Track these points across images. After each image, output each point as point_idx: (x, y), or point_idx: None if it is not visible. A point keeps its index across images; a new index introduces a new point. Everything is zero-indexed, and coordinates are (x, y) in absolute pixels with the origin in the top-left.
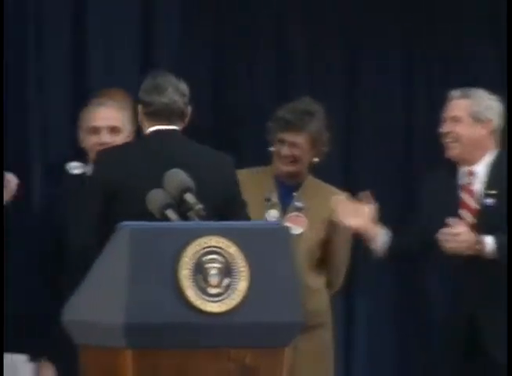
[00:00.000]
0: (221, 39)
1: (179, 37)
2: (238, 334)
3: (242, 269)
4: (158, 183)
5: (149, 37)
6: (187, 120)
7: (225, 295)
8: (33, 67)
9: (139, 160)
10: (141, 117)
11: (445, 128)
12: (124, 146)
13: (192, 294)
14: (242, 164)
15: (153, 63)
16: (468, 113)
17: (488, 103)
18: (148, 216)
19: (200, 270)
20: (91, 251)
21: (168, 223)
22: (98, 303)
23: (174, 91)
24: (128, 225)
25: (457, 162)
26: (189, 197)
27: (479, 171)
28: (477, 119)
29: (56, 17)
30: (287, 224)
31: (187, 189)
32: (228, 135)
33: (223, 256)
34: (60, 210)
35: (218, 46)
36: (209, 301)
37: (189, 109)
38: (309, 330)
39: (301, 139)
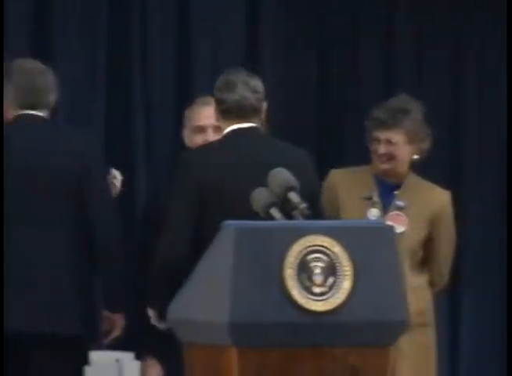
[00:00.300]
0: (326, 39)
1: (284, 36)
2: (342, 333)
3: (346, 267)
4: (244, 182)
5: (254, 37)
6: (263, 116)
7: (329, 294)
8: (138, 68)
9: (223, 160)
10: (217, 115)
11: None
12: (208, 147)
13: (296, 293)
14: (345, 163)
15: (257, 62)
16: None
17: None
18: (239, 217)
19: (304, 269)
20: (182, 263)
21: (273, 222)
22: (203, 302)
23: (245, 87)
24: (232, 225)
25: None
26: (293, 196)
27: None
28: None
29: (161, 18)
30: (389, 223)
31: (291, 188)
32: (332, 133)
33: (327, 255)
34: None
35: (323, 46)
36: (313, 300)
37: (264, 105)
38: (411, 330)
39: (395, 136)
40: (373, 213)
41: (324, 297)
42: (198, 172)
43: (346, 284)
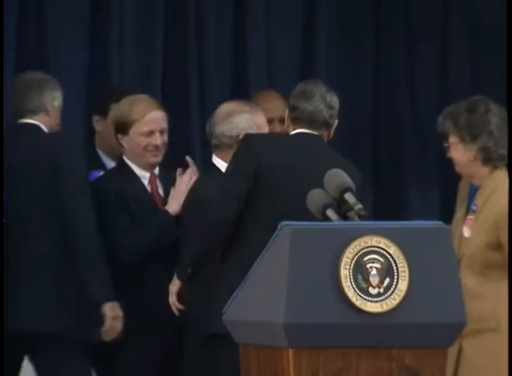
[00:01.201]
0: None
1: (338, 49)
2: (398, 334)
3: (402, 268)
4: (287, 175)
5: (309, 50)
6: (332, 131)
7: (385, 295)
8: (195, 68)
9: (277, 149)
10: (288, 120)
11: None
12: (273, 136)
13: (352, 294)
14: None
15: (312, 74)
16: None
17: None
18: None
19: (360, 270)
20: (227, 226)
21: (329, 223)
22: (259, 302)
23: (321, 100)
24: (289, 225)
25: None
26: (349, 197)
27: None
28: None
29: (217, 26)
30: (464, 226)
31: (347, 189)
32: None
33: (383, 256)
34: None
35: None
36: (369, 301)
37: (336, 122)
38: (477, 334)
39: (452, 140)
40: (458, 216)
41: (380, 298)
42: (259, 152)
43: (402, 285)
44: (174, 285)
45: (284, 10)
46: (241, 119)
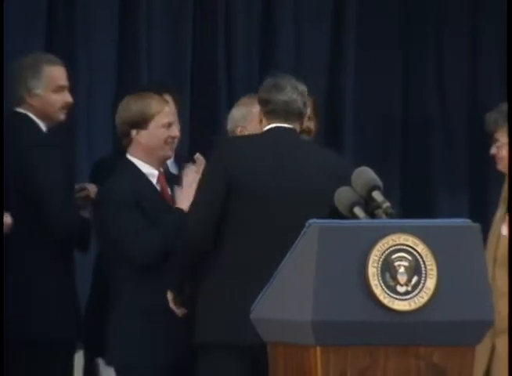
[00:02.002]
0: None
1: (366, 47)
2: (426, 332)
3: (430, 266)
4: (265, 177)
5: (338, 48)
6: (304, 121)
7: (413, 293)
8: (223, 67)
9: (252, 154)
10: (260, 115)
11: None
12: (244, 139)
13: (380, 292)
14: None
15: (341, 72)
16: None
17: None
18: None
19: (388, 268)
20: (206, 242)
21: (356, 221)
22: (286, 301)
23: (293, 90)
24: (316, 223)
25: None
26: (377, 195)
27: None
28: None
29: (245, 24)
30: (503, 225)
31: (375, 187)
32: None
33: (411, 254)
34: None
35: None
36: (397, 299)
37: (308, 110)
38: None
39: (501, 138)
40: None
41: (408, 296)
42: (229, 161)
43: (430, 284)
44: (170, 293)
45: (313, 8)
46: (236, 111)
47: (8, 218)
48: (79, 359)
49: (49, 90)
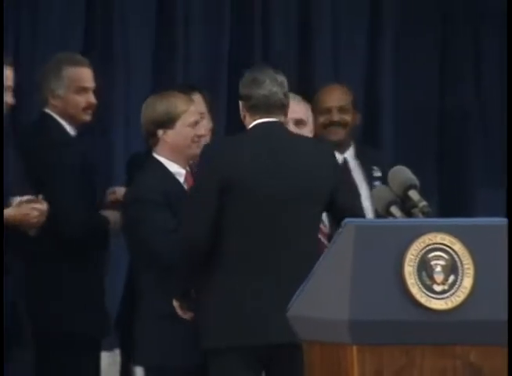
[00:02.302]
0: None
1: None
2: (463, 332)
3: (467, 266)
4: (264, 176)
5: (374, 47)
6: (287, 111)
7: (450, 292)
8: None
9: (244, 153)
10: (243, 112)
11: None
12: (228, 141)
13: (416, 291)
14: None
15: (378, 72)
16: None
17: None
18: (256, 208)
19: (424, 267)
20: (204, 247)
21: (393, 220)
22: (323, 299)
23: (273, 82)
24: (352, 222)
25: None
26: (414, 194)
27: None
28: None
29: (283, 23)
30: None
31: (411, 186)
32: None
33: (448, 253)
34: None
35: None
36: (434, 298)
37: (289, 101)
38: None
39: None
40: None
41: (445, 295)
42: (220, 163)
43: (467, 283)
44: (176, 300)
45: (350, 7)
46: None
47: (44, 205)
48: (115, 358)
49: (71, 91)
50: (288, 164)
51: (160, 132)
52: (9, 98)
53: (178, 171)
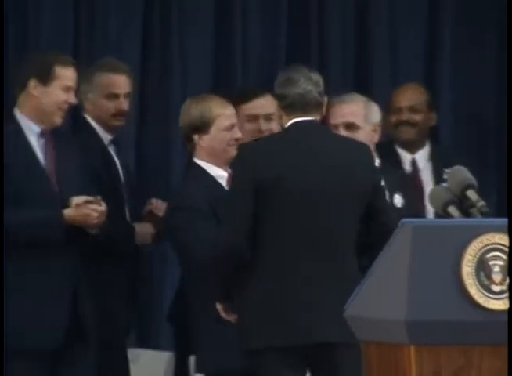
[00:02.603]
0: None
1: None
2: None
3: None
4: (301, 175)
5: (433, 47)
6: (323, 110)
7: (508, 293)
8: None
9: (280, 152)
10: (279, 111)
11: None
12: (264, 140)
13: (475, 291)
14: None
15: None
16: None
17: None
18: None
19: (482, 267)
20: (243, 251)
21: (450, 220)
22: (380, 299)
23: (307, 81)
24: (410, 222)
25: None
26: (472, 194)
27: None
28: None
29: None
30: None
31: (469, 186)
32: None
33: (506, 253)
34: None
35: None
36: (492, 298)
37: (325, 99)
38: None
39: None
40: None
41: (503, 295)
42: (256, 163)
43: None
44: (219, 303)
45: (408, 5)
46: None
47: (103, 206)
48: (170, 359)
49: (101, 96)
50: (326, 164)
51: (195, 137)
52: (71, 98)
53: (220, 174)
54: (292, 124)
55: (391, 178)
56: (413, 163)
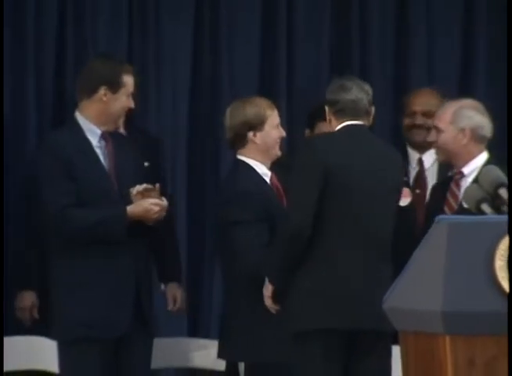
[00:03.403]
0: None
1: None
2: None
3: None
4: (356, 168)
5: (468, 51)
6: (371, 118)
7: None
8: (357, 70)
9: (341, 149)
10: (328, 116)
11: None
12: (329, 135)
13: (506, 284)
14: None
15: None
16: None
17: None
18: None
19: None
20: (304, 237)
21: (484, 217)
22: (417, 292)
23: (359, 89)
24: (445, 219)
25: None
26: (503, 192)
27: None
28: None
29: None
30: None
31: (501, 185)
32: None
33: None
34: None
35: None
36: None
37: (373, 108)
38: None
39: None
40: None
41: None
42: (323, 155)
43: None
44: (267, 289)
45: (445, 11)
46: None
47: (164, 201)
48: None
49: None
50: (374, 163)
51: (250, 134)
52: (130, 103)
53: (265, 172)
54: (344, 126)
55: None
56: (420, 162)
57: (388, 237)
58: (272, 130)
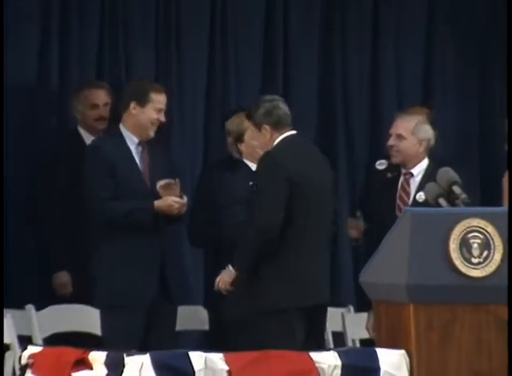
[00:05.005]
0: None
1: None
2: (494, 293)
3: (497, 243)
4: (310, 178)
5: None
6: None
7: (484, 264)
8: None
9: (298, 157)
10: (266, 128)
11: None
12: (283, 148)
13: (459, 263)
14: None
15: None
16: None
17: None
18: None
19: (465, 244)
20: (275, 234)
21: (441, 209)
22: (387, 268)
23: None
24: (410, 210)
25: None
26: (457, 189)
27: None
28: None
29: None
30: None
31: (455, 183)
32: None
33: (483, 234)
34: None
35: None
36: (472, 268)
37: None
38: None
39: None
40: None
41: (480, 266)
42: (288, 165)
43: (497, 256)
44: (230, 276)
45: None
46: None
47: (184, 198)
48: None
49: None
50: (317, 168)
51: (238, 144)
52: (162, 117)
53: (254, 169)
54: (290, 135)
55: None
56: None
57: (330, 230)
58: (250, 142)
